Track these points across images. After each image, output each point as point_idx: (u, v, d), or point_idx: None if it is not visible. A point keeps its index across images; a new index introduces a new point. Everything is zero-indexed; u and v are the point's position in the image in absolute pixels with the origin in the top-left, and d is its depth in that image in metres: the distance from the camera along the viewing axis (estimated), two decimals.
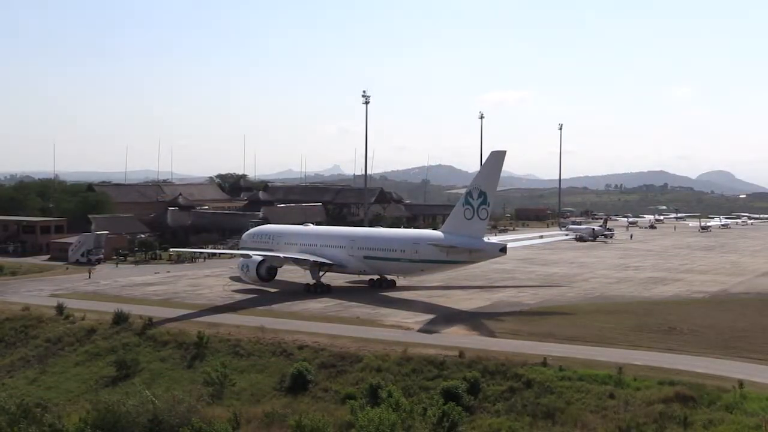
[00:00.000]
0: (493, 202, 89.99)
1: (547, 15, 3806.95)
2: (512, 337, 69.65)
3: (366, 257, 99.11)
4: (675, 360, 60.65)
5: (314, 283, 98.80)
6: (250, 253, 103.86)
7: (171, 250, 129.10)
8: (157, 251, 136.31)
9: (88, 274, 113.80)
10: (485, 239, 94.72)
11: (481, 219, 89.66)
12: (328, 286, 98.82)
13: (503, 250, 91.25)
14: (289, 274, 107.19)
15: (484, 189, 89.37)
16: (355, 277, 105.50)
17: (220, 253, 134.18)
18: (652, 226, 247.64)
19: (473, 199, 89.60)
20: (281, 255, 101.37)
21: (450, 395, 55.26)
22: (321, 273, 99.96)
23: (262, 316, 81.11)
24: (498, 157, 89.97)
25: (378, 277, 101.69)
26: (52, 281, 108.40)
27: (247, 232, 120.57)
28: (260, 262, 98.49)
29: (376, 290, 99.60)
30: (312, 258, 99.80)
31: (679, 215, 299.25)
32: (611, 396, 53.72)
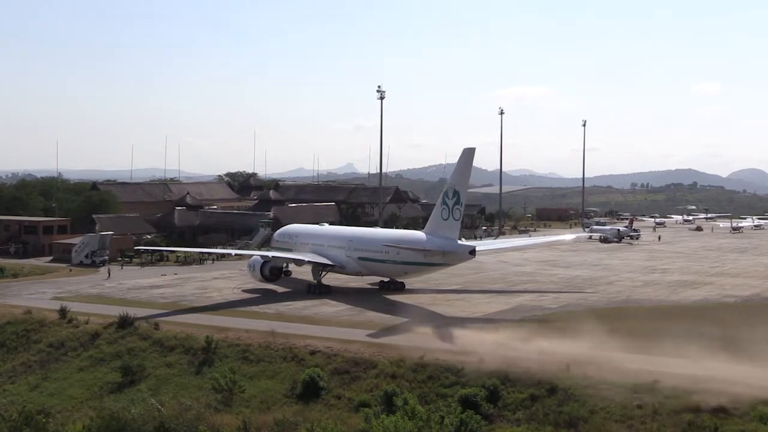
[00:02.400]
0: (465, 201, 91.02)
1: (568, 7, 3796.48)
2: (533, 343, 69.22)
3: (360, 258, 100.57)
4: (705, 367, 59.92)
5: (315, 284, 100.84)
6: (253, 252, 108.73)
7: (136, 248, 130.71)
8: (164, 253, 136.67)
9: (107, 273, 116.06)
10: (459, 241, 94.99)
11: (455, 219, 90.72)
12: (328, 287, 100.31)
13: (472, 252, 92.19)
14: (303, 274, 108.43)
15: (457, 188, 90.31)
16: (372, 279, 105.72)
17: (196, 252, 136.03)
18: (698, 228, 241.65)
19: (449, 199, 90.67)
20: (272, 255, 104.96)
21: (468, 403, 55.19)
22: (322, 273, 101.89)
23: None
24: (468, 154, 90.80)
25: (388, 279, 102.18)
26: (55, 283, 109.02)
27: (277, 231, 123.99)
28: (264, 262, 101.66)
29: (381, 293, 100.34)
30: (307, 258, 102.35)
31: (709, 215, 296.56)
32: (638, 405, 53.43)
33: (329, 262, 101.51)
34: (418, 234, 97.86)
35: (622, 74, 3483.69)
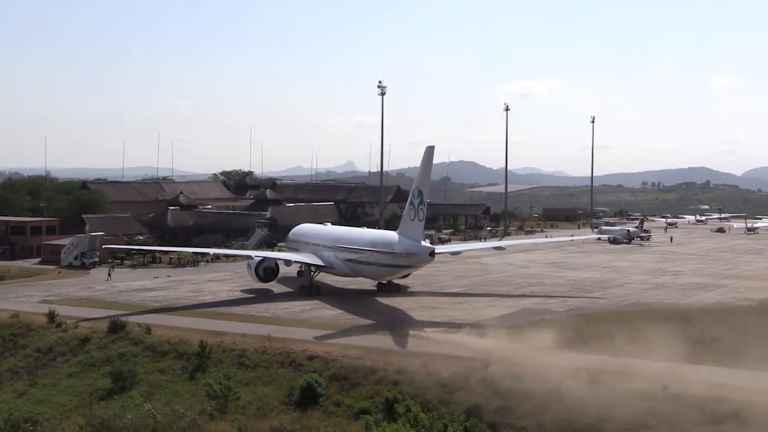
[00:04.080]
0: (427, 200, 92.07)
1: None
2: (540, 348, 69.11)
3: (345, 259, 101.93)
4: (721, 374, 59.74)
5: (306, 285, 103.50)
6: (252, 253, 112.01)
7: (104, 246, 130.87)
8: (156, 254, 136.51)
9: (107, 274, 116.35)
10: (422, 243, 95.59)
11: (419, 220, 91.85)
12: (318, 288, 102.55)
13: (432, 254, 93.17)
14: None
15: (421, 188, 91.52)
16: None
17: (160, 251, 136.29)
18: (720, 230, 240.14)
19: (415, 199, 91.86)
20: (255, 254, 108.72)
21: (473, 410, 55.02)
22: (313, 274, 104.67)
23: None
24: (429, 152, 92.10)
25: (385, 281, 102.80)
26: (44, 286, 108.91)
27: (290, 231, 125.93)
28: (259, 263, 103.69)
29: (375, 295, 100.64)
30: (294, 259, 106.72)
31: (722, 215, 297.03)
32: (651, 413, 53.20)
33: (318, 263, 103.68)
34: (391, 235, 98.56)
35: (633, 67, 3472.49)
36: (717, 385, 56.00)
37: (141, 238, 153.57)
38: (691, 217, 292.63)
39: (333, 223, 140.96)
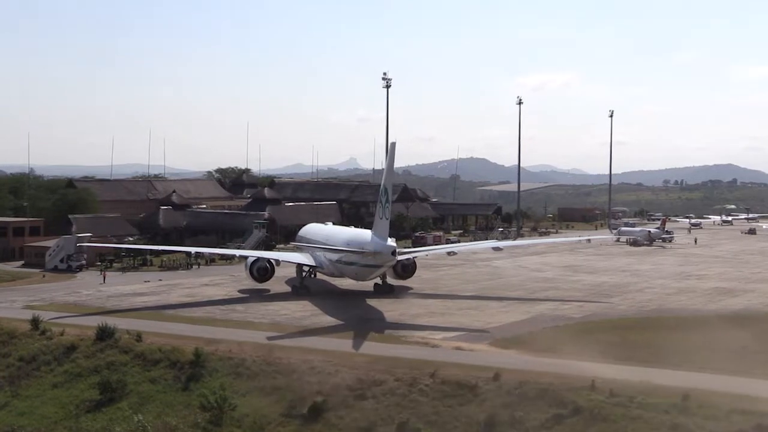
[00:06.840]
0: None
1: None
2: (555, 356, 68.91)
3: (329, 260, 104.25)
4: (749, 385, 59.28)
5: (297, 285, 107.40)
6: (236, 252, 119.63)
7: (79, 245, 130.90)
8: (147, 257, 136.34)
9: (102, 278, 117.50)
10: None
11: (386, 219, 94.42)
12: (307, 288, 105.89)
13: (393, 253, 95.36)
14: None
15: (387, 186, 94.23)
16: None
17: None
18: (751, 230, 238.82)
19: (383, 197, 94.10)
20: (224, 251, 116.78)
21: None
22: (304, 274, 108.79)
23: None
24: (393, 149, 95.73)
25: (381, 282, 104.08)
26: (27, 291, 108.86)
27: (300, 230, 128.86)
28: (253, 262, 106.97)
29: (372, 297, 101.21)
30: (282, 259, 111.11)
31: (750, 215, 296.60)
32: (673, 427, 52.94)
33: (311, 263, 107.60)
34: (365, 234, 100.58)
35: (654, 58, 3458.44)
36: None
37: (131, 239, 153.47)
38: (717, 218, 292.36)
39: (335, 224, 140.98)
